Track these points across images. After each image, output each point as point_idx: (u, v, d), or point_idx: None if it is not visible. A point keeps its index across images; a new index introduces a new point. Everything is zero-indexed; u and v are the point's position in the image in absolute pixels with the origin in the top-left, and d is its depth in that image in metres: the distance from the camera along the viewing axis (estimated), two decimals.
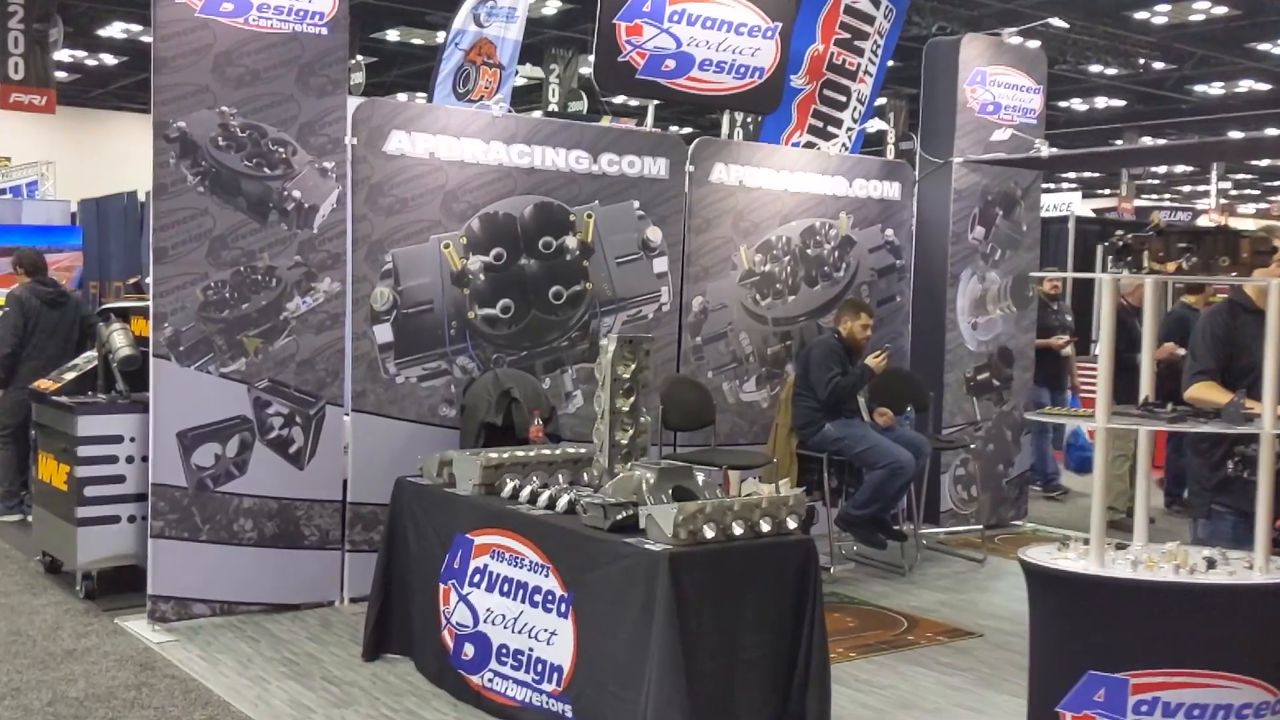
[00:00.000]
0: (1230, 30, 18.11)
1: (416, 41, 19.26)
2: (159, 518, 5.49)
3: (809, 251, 7.48)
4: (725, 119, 7.20)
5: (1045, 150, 7.34)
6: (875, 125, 9.16)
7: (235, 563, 5.65)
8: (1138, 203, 28.36)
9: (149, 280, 5.80)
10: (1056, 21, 10.25)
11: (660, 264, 6.80)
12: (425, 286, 6.08)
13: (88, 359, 6.70)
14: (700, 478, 4.29)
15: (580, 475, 4.97)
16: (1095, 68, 17.19)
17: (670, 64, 6.72)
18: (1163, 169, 33.67)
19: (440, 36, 18.58)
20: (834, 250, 7.60)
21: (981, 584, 6.75)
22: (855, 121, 8.09)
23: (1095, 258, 12.64)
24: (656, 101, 6.80)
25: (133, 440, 5.84)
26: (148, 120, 5.48)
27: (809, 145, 7.84)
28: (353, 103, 5.92)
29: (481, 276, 6.23)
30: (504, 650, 4.41)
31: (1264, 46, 19.03)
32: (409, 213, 6.01)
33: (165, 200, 5.44)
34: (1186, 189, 37.65)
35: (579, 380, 6.58)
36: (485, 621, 4.50)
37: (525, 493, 4.56)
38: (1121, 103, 21.56)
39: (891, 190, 7.86)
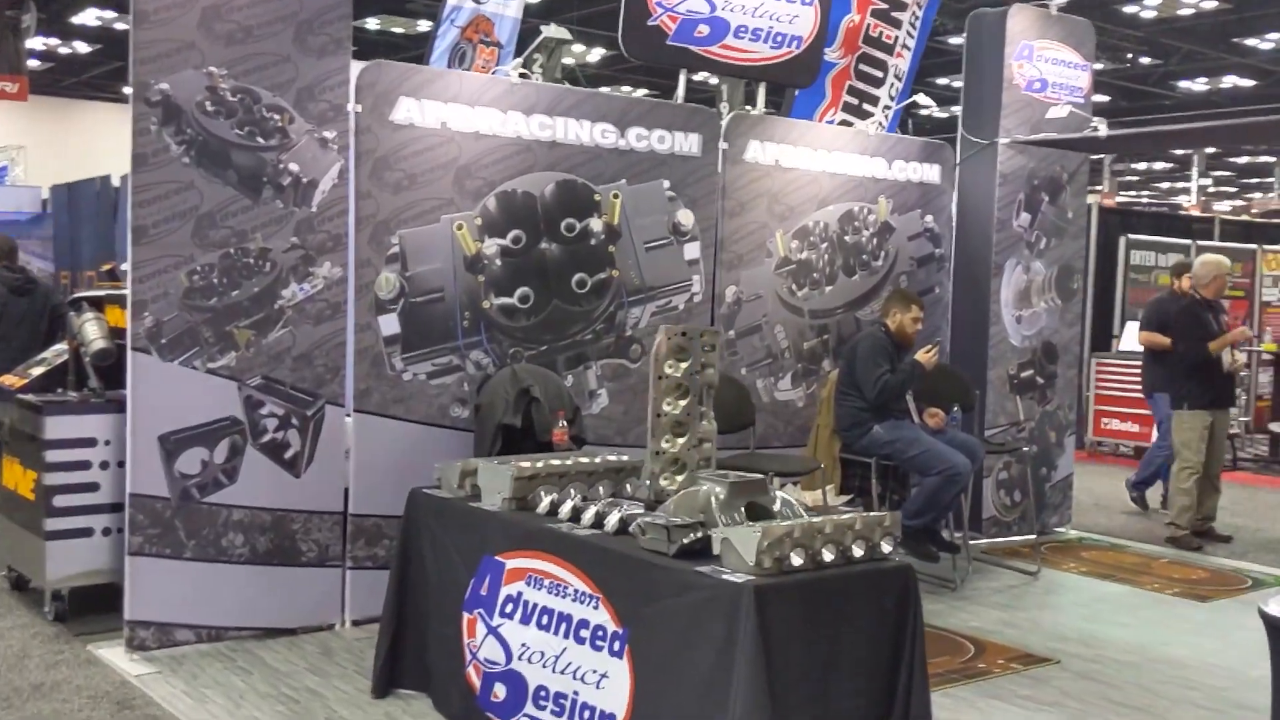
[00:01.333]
0: (1218, 25, 17.80)
1: (398, 30, 18.63)
2: (138, 532, 4.85)
3: (847, 239, 6.90)
4: (760, 93, 6.54)
5: (1104, 130, 6.77)
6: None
7: (224, 583, 5.02)
8: (1119, 198, 28.01)
9: (125, 266, 5.14)
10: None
11: (692, 250, 6.19)
12: (436, 272, 5.46)
13: (57, 352, 6.00)
14: (776, 493, 3.69)
15: (623, 487, 4.36)
16: None
17: (704, 30, 6.12)
18: (1143, 165, 33.41)
19: (423, 25, 17.99)
20: (873, 237, 7.01)
21: (1041, 600, 6.18)
22: (892, 99, 7.52)
23: (1118, 248, 12.14)
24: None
25: (108, 444, 5.19)
26: (122, 110, 4.83)
27: (844, 124, 7.25)
28: (356, 66, 5.29)
29: (498, 262, 5.61)
30: (543, 693, 3.79)
31: (1250, 41, 18.75)
32: (418, 190, 5.39)
33: (146, 172, 4.79)
34: (1165, 185, 37.40)
35: (604, 377, 5.97)
36: (520, 659, 3.89)
37: (566, 508, 3.95)
38: (1105, 98, 21.16)
39: (931, 173, 7.29)
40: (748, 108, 6.62)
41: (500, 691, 3.96)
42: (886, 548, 3.51)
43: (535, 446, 5.35)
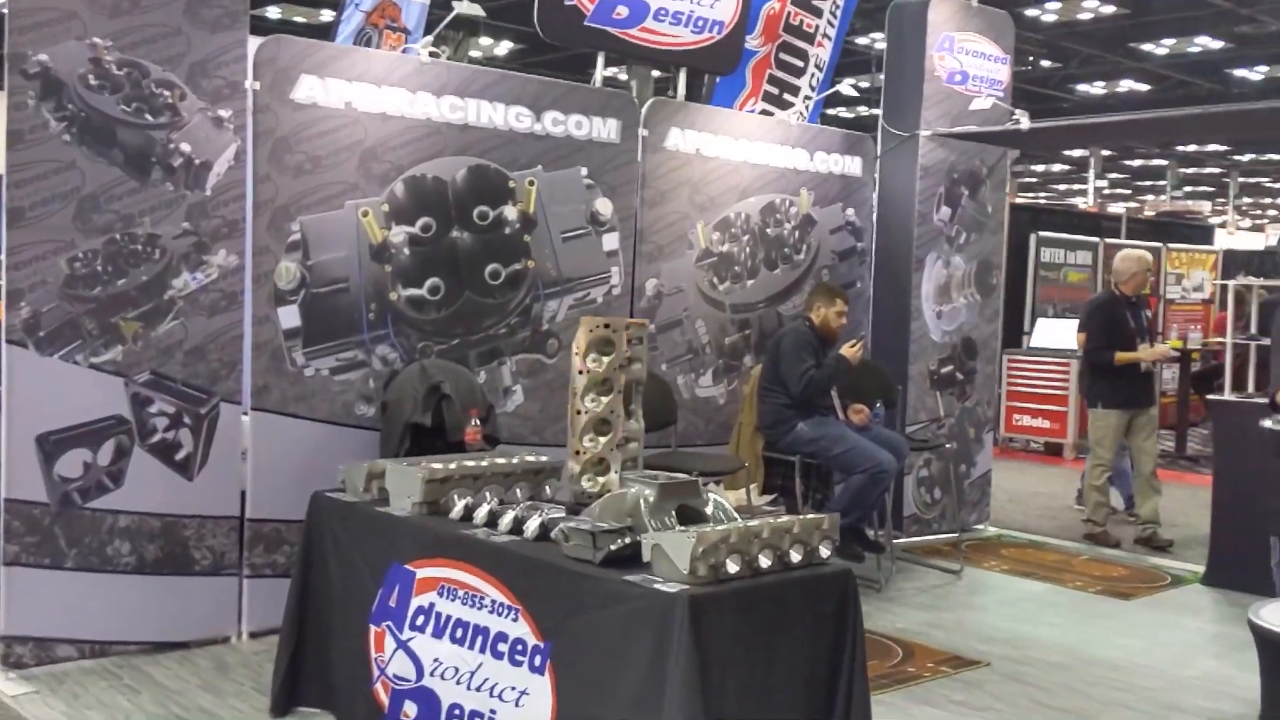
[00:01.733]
0: (1116, 30, 18.14)
1: (299, 20, 18.11)
2: (13, 540, 4.46)
3: (769, 231, 6.72)
4: (680, 80, 6.32)
5: (1026, 123, 6.68)
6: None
7: (109, 594, 4.65)
8: (1018, 199, 28.44)
9: None
10: None
11: (610, 240, 5.96)
12: (339, 261, 5.15)
13: None
14: (708, 495, 3.47)
15: (542, 490, 4.11)
16: None
17: (623, 11, 5.88)
18: (1041, 167, 34.00)
19: (326, 15, 17.48)
20: (795, 230, 6.85)
21: (965, 600, 6.07)
22: (813, 90, 7.36)
23: (1028, 246, 12.19)
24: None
25: None
26: None
27: (765, 115, 7.08)
28: (254, 41, 4.95)
29: (406, 251, 5.32)
30: (457, 711, 3.53)
31: (1147, 46, 19.15)
32: (321, 173, 5.07)
33: (22, 150, 4.41)
34: (1063, 187, 38.15)
35: (519, 373, 5.70)
36: (432, 675, 3.61)
37: (481, 513, 3.69)
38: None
39: (853, 166, 7.15)
40: (671, 94, 6.38)
41: (411, 710, 3.68)
42: (825, 552, 3.31)
43: (446, 447, 5.08)
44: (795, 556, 3.21)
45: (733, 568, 3.07)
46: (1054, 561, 6.91)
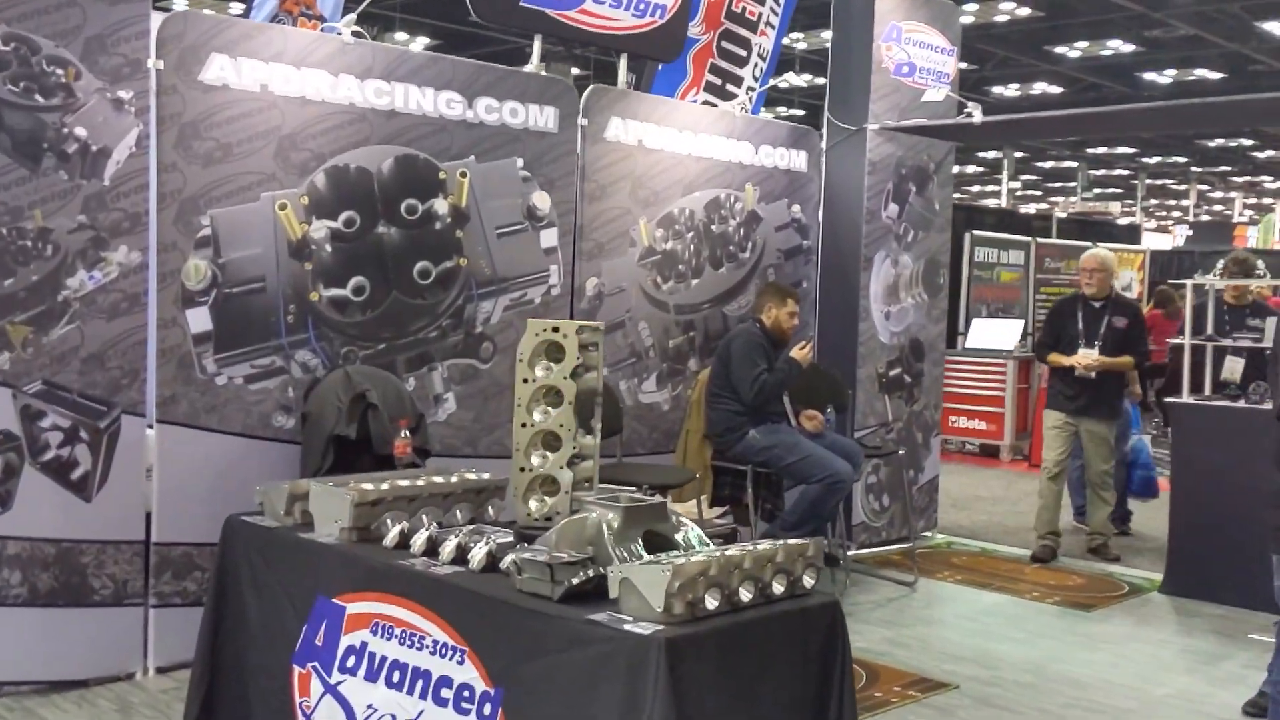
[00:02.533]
0: (1030, 32, 18.22)
1: (207, 13, 17.46)
2: None
3: (714, 228, 6.38)
4: (621, 66, 5.96)
5: (978, 116, 6.43)
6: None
7: None
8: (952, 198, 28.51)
9: None
10: None
11: (549, 237, 5.57)
12: (255, 259, 4.70)
13: None
14: (676, 518, 3.11)
15: (484, 511, 3.72)
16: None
17: None
18: (955, 168, 34.24)
19: (235, 8, 16.85)
20: (740, 227, 6.52)
21: (924, 614, 5.79)
22: (756, 80, 7.05)
23: (963, 245, 12.03)
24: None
25: None
26: None
27: (707, 105, 6.74)
28: (158, 16, 4.49)
29: (328, 247, 4.88)
30: None
31: (1060, 49, 19.28)
32: (233, 162, 4.62)
33: None
34: (976, 189, 38.55)
35: (451, 380, 5.29)
36: None
37: (420, 540, 3.29)
38: None
39: (798, 160, 6.84)
40: (623, 85, 6.01)
41: None
42: (809, 581, 2.97)
43: (373, 461, 4.69)
44: (778, 588, 2.87)
45: (712, 603, 2.72)
46: (1007, 570, 6.67)
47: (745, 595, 2.78)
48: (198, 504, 4.43)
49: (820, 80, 14.30)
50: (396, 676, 3.13)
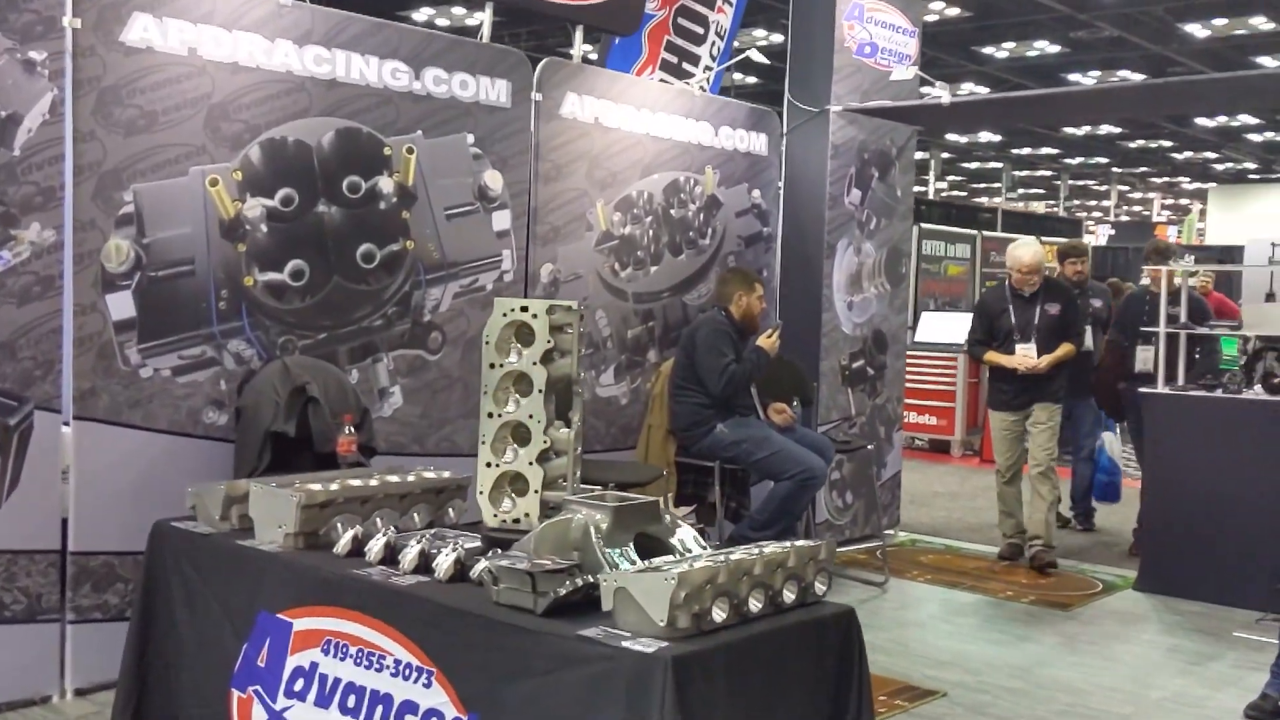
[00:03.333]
0: (959, 33, 18.21)
1: None
2: None
3: (673, 212, 6.05)
4: (577, 40, 5.62)
5: (948, 97, 6.17)
6: None
7: None
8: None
9: None
10: None
11: (501, 219, 5.21)
12: (183, 239, 4.28)
13: None
14: (671, 519, 2.77)
15: (444, 514, 3.36)
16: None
17: None
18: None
19: None
20: (700, 212, 6.20)
21: (899, 616, 5.51)
22: (714, 60, 6.74)
23: (911, 237, 11.83)
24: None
25: None
26: None
27: (664, 83, 6.42)
28: None
29: (263, 228, 4.48)
30: None
31: (988, 50, 19.29)
32: (159, 132, 4.20)
33: None
34: None
35: (398, 372, 4.91)
36: None
37: (376, 547, 2.93)
38: None
39: (758, 143, 6.54)
40: (578, 59, 5.65)
41: None
42: (821, 588, 2.66)
43: (314, 460, 4.31)
44: (789, 596, 2.55)
45: (719, 615, 2.39)
46: (976, 569, 6.43)
47: (755, 605, 2.46)
48: (120, 509, 4.02)
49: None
50: (352, 701, 2.76)
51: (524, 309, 3.19)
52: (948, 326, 11.15)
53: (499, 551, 2.71)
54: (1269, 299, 12.07)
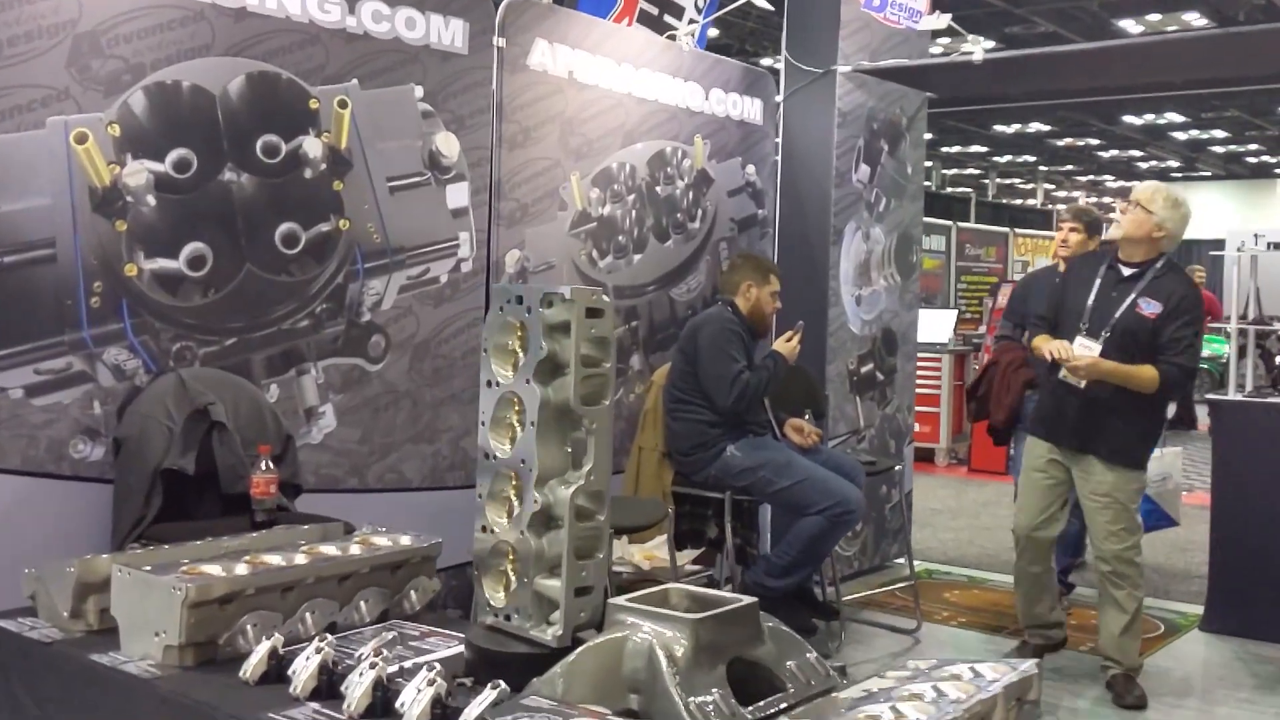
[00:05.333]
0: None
1: None
2: None
3: (658, 190, 5.06)
4: None
5: (980, 53, 5.22)
6: None
7: None
8: None
9: None
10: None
11: (458, 194, 4.18)
12: (39, 215, 3.20)
13: None
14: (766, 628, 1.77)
15: (403, 599, 2.33)
16: (766, 61, 15.97)
17: None
18: None
19: None
20: (688, 190, 5.21)
21: None
22: (700, 11, 5.75)
23: None
24: None
25: None
26: None
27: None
28: None
29: (150, 200, 3.40)
30: None
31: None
32: (3, 70, 3.11)
33: None
34: None
35: (330, 387, 3.86)
36: None
37: (305, 674, 1.88)
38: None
39: (753, 110, 5.57)
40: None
41: None
42: None
43: (220, 504, 3.29)
44: None
45: None
46: (1012, 607, 5.50)
47: None
48: None
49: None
50: None
51: (542, 299, 2.20)
52: (930, 325, 10.26)
53: (504, 690, 1.69)
54: None
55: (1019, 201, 32.81)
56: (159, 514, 3.27)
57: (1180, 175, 32.70)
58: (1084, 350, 3.99)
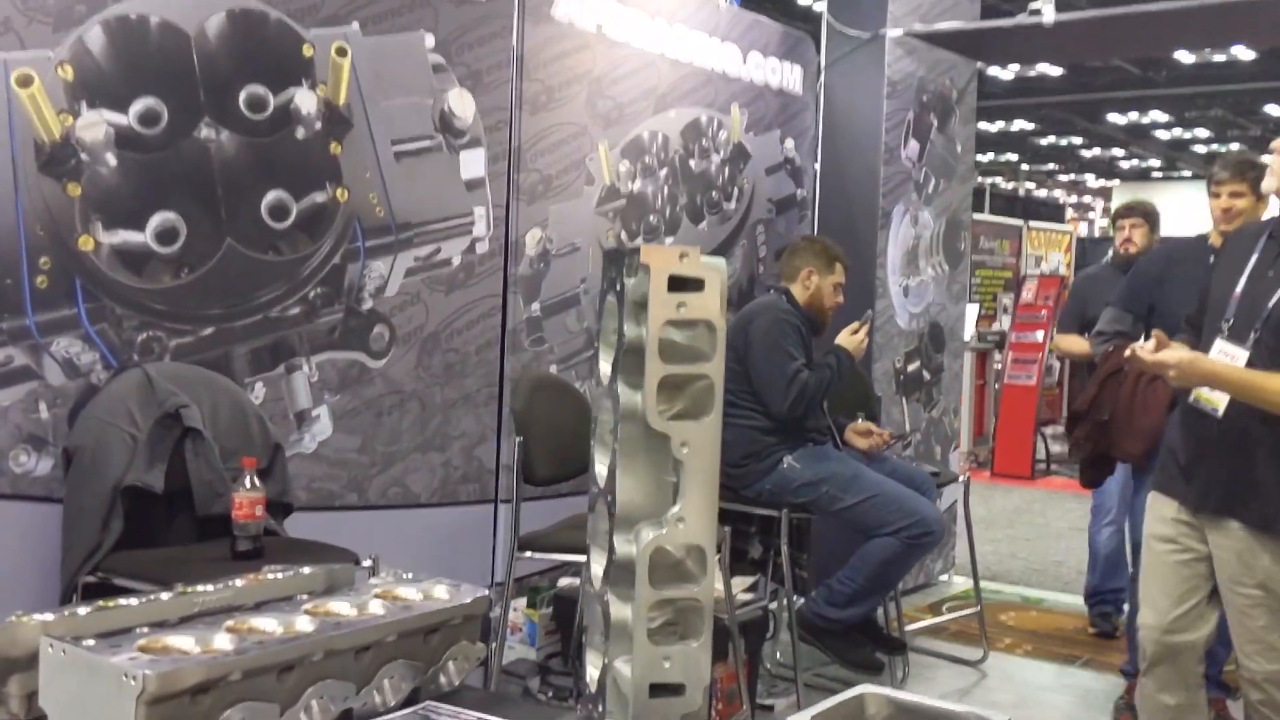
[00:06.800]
0: None
1: None
2: None
3: (693, 164, 4.48)
4: None
5: (1050, 13, 4.66)
6: None
7: None
8: None
9: None
10: None
11: (473, 162, 3.59)
12: None
13: None
14: None
15: (438, 674, 1.74)
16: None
17: None
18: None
19: None
20: (724, 165, 4.64)
21: (1012, 714, 3.99)
22: None
23: None
24: None
25: None
26: None
27: None
28: None
29: (110, 158, 2.81)
30: None
31: None
32: None
33: None
34: None
35: (326, 386, 3.27)
36: None
37: None
38: None
39: (792, 78, 5.01)
40: None
41: None
42: None
43: (193, 527, 2.73)
44: None
45: None
46: (1078, 631, 4.96)
47: None
48: None
49: None
50: None
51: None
52: None
53: None
54: None
55: (1030, 187, 32.16)
56: (119, 541, 2.70)
57: (1161, 175, 32.35)
58: (1224, 359, 2.63)
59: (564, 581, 3.76)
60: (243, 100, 3.04)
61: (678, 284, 1.74)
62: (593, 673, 1.69)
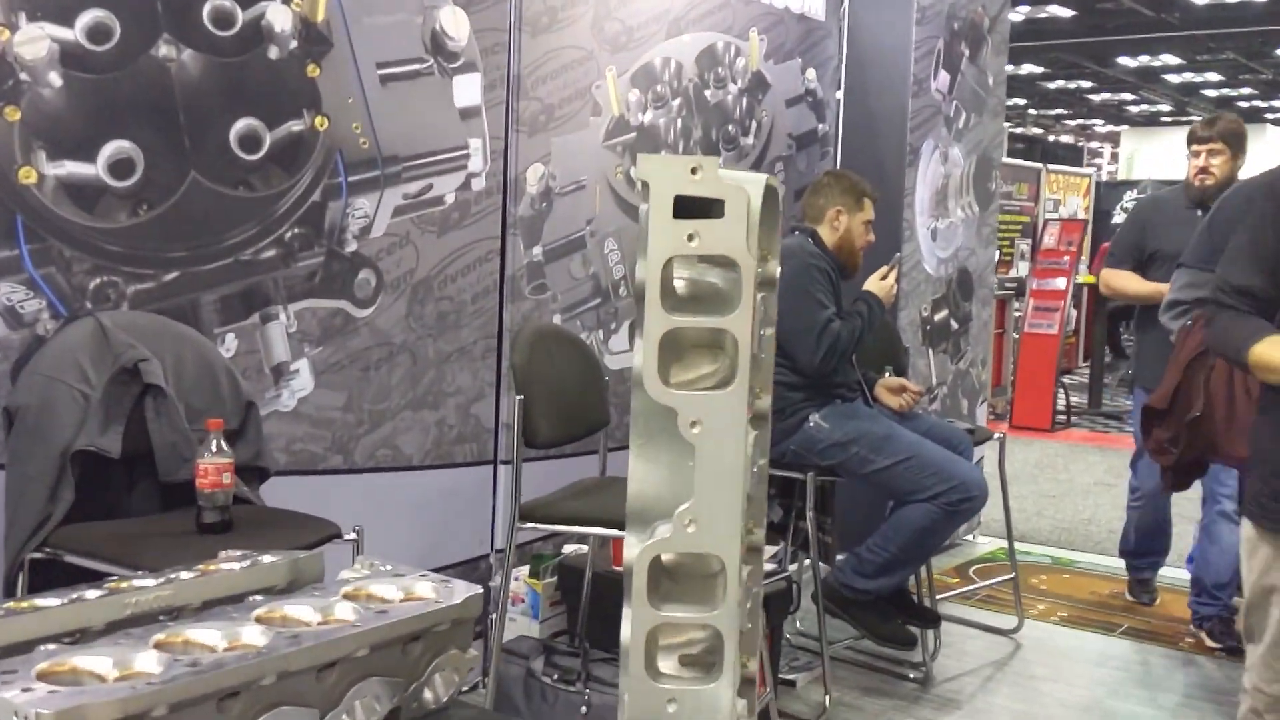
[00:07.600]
0: None
1: None
2: None
3: (708, 94, 4.12)
4: None
5: None
6: None
7: None
8: None
9: None
10: None
11: (467, 88, 3.24)
12: None
13: None
14: None
15: (422, 688, 1.43)
16: None
17: None
18: None
19: None
20: (741, 96, 4.28)
21: (1066, 696, 3.70)
22: None
23: None
24: None
25: None
26: None
27: None
28: None
29: (55, 79, 2.47)
30: None
31: None
32: None
33: None
34: None
35: (304, 338, 2.94)
36: None
37: None
38: None
39: (814, 2, 4.63)
40: None
41: None
42: None
43: (159, 497, 2.44)
44: None
45: None
46: (1115, 597, 4.67)
47: None
48: None
49: None
50: None
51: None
52: None
53: None
54: None
55: (1038, 133, 31.46)
56: (71, 512, 2.40)
57: (1170, 120, 31.77)
58: None
59: (569, 548, 3.47)
60: (206, 14, 2.69)
61: (689, 208, 1.41)
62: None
